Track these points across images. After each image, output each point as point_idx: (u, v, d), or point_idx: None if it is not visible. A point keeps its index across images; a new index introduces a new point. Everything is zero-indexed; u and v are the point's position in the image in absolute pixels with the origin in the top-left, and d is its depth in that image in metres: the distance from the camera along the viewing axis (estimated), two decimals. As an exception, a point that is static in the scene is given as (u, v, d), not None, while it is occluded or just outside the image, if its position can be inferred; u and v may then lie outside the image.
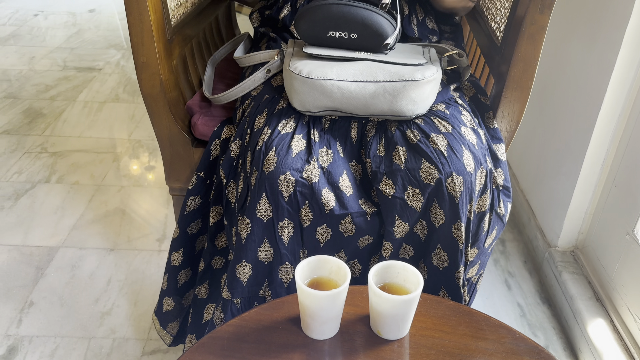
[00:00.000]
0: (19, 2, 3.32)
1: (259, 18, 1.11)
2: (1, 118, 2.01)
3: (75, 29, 2.94)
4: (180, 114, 0.99)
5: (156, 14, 0.89)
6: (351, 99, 0.80)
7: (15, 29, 2.90)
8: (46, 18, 3.08)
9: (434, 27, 1.01)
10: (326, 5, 0.82)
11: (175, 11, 0.99)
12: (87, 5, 3.32)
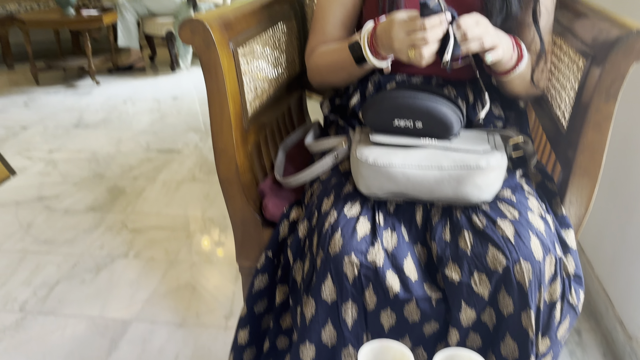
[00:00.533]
0: (112, 90, 3.65)
1: (329, 106, 1.18)
2: (89, 195, 2.18)
3: (159, 114, 3.19)
4: (253, 196, 1.04)
5: (235, 106, 0.97)
6: (416, 185, 0.82)
7: (106, 114, 3.18)
8: (134, 104, 3.37)
9: (499, 113, 1.03)
10: (392, 96, 0.86)
11: (252, 103, 1.07)
12: (171, 93, 3.61)
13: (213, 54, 0.91)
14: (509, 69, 0.94)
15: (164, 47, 4.65)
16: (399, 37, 0.83)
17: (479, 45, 0.84)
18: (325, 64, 1.07)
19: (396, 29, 0.84)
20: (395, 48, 0.84)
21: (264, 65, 1.15)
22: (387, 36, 0.86)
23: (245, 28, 1.05)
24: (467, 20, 0.83)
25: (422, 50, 0.81)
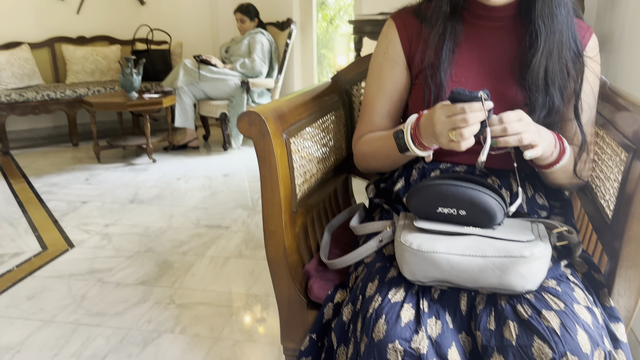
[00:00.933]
0: (166, 167, 3.84)
1: (374, 190, 1.22)
2: (140, 269, 2.25)
3: (210, 191, 3.32)
4: (299, 277, 1.07)
5: (285, 190, 1.02)
6: (460, 272, 0.84)
7: (160, 190, 3.33)
8: (187, 181, 3.52)
9: (543, 203, 1.04)
10: (436, 184, 0.90)
11: (301, 186, 1.12)
12: (222, 170, 3.76)
13: (267, 144, 0.98)
14: (551, 162, 0.97)
15: (217, 127, 4.89)
16: (440, 119, 0.88)
17: (517, 141, 0.87)
18: (370, 150, 1.13)
19: (438, 113, 0.89)
20: (437, 131, 0.88)
21: (313, 151, 1.22)
22: (430, 122, 0.91)
23: (298, 119, 1.13)
24: (509, 115, 0.87)
25: (462, 131, 0.85)
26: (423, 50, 1.07)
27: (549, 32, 0.98)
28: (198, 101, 4.31)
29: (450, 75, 1.04)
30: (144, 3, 5.09)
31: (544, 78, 0.99)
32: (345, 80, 1.44)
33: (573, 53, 1.01)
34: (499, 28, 1.05)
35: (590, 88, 1.04)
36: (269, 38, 4.38)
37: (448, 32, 1.04)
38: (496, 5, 1.02)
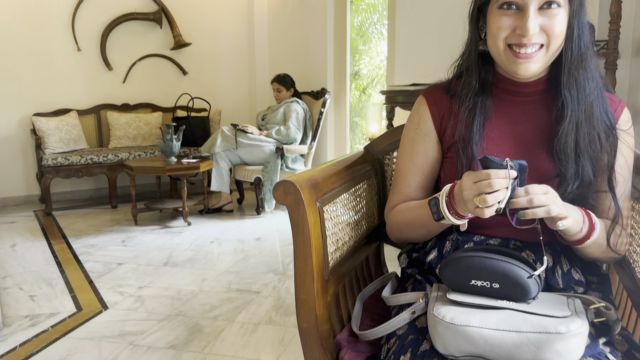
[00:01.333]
0: (201, 230, 3.90)
1: (407, 259, 1.22)
2: (170, 334, 2.26)
3: (242, 254, 3.34)
4: (330, 347, 1.07)
5: (318, 258, 1.04)
6: (494, 347, 0.82)
7: (194, 253, 3.38)
8: (220, 245, 3.56)
9: (580, 278, 1.03)
10: (469, 257, 0.90)
11: (333, 254, 1.14)
12: (255, 234, 3.80)
13: (302, 212, 1.01)
14: (581, 238, 0.96)
15: (251, 191, 4.99)
16: (467, 185, 0.89)
17: (545, 212, 0.88)
18: (404, 220, 1.14)
19: (465, 179, 0.90)
20: (465, 197, 0.90)
21: (346, 219, 1.24)
22: (459, 189, 0.92)
23: (331, 188, 1.16)
24: (535, 188, 0.88)
25: (485, 196, 0.86)
26: (454, 124, 1.10)
27: (575, 103, 1.00)
28: (234, 166, 4.43)
29: (482, 149, 1.06)
30: (186, 73, 5.35)
31: (573, 148, 1.00)
32: (378, 150, 1.47)
33: (605, 126, 1.02)
34: (530, 103, 1.07)
35: (625, 161, 1.04)
36: (303, 106, 4.53)
37: (478, 107, 1.07)
38: (526, 82, 1.05)
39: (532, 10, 0.94)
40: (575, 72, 1.00)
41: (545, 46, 0.97)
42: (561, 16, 0.96)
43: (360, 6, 4.97)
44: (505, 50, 0.99)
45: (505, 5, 0.97)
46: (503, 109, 1.09)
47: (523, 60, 0.97)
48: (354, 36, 4.79)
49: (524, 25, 0.94)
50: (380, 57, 4.94)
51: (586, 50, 1.00)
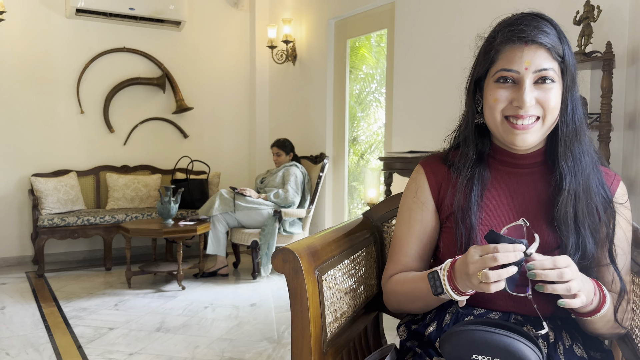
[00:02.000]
0: (195, 295, 3.84)
1: (406, 331, 1.19)
2: (160, 404, 2.17)
3: (236, 321, 3.27)
4: (327, 423, 1.03)
5: (316, 329, 1.02)
6: None
7: (187, 319, 3.30)
8: (214, 310, 3.49)
9: (582, 354, 1.00)
10: (470, 330, 0.88)
11: (331, 325, 1.12)
12: (250, 300, 3.73)
13: (300, 281, 1.00)
14: (591, 311, 0.95)
15: (247, 254, 4.94)
16: (473, 258, 0.89)
17: (565, 290, 0.87)
18: (402, 291, 1.12)
19: (472, 252, 0.90)
20: (470, 271, 0.89)
21: (344, 288, 1.22)
22: (464, 263, 0.91)
23: (330, 255, 1.15)
24: (561, 261, 0.88)
25: (487, 272, 0.85)
26: (452, 194, 1.11)
27: (572, 174, 1.01)
28: (231, 229, 4.42)
29: (480, 220, 1.06)
30: (187, 136, 5.43)
31: (573, 219, 1.01)
32: (377, 217, 1.48)
33: (602, 199, 1.03)
34: (528, 175, 1.09)
35: (624, 234, 1.04)
36: (302, 170, 4.57)
37: (476, 177, 1.08)
38: (523, 154, 1.07)
39: (527, 83, 0.97)
40: (570, 145, 1.02)
41: (542, 119, 1.00)
42: (555, 90, 0.99)
43: (359, 75, 5.12)
44: (503, 122, 1.02)
45: (501, 79, 1.00)
46: (500, 180, 1.10)
47: (520, 131, 1.00)
48: (352, 103, 4.91)
49: (521, 98, 0.97)
50: (378, 123, 5.05)
51: (580, 124, 1.03)
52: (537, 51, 0.97)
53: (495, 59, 1.01)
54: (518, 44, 0.98)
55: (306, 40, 5.03)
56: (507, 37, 0.99)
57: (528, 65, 0.96)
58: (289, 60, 5.18)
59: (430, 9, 3.59)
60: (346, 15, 4.55)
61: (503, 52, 1.00)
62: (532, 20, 0.99)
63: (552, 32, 0.99)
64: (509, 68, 0.98)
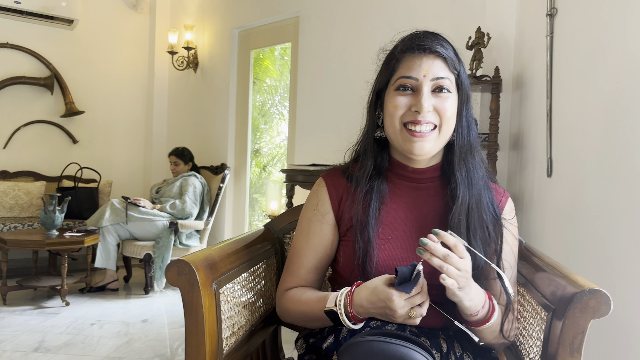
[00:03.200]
0: (80, 311, 3.57)
1: (304, 345, 1.17)
2: None
3: (126, 338, 3.08)
4: None
5: (211, 345, 0.97)
6: None
7: (70, 337, 3.06)
8: (101, 327, 3.27)
9: (471, 363, 1.05)
10: (367, 341, 0.88)
11: (228, 339, 1.07)
12: (142, 315, 3.54)
13: (196, 295, 0.95)
14: (480, 320, 0.99)
15: (140, 268, 4.70)
16: (400, 304, 0.91)
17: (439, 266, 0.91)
18: (297, 311, 1.12)
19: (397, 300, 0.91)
20: (397, 316, 0.92)
21: (243, 301, 1.19)
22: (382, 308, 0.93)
23: (229, 268, 1.11)
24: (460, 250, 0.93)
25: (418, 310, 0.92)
26: (351, 207, 1.12)
27: (466, 186, 1.06)
28: (122, 241, 4.18)
29: (378, 233, 1.08)
30: (76, 142, 5.10)
31: (466, 228, 1.05)
32: (278, 228, 1.46)
33: (492, 216, 1.08)
34: (424, 189, 1.12)
35: (510, 249, 1.10)
36: (202, 181, 4.45)
37: (374, 190, 1.10)
38: (420, 168, 1.11)
39: (425, 90, 1.01)
40: (465, 158, 1.07)
41: (438, 127, 1.04)
42: (452, 101, 1.03)
43: (262, 87, 5.11)
44: (402, 130, 1.04)
45: (401, 87, 1.04)
46: (399, 194, 1.12)
47: (418, 138, 1.03)
48: (255, 115, 4.87)
49: (419, 103, 1.01)
50: (281, 136, 5.06)
51: (475, 141, 1.08)
52: (435, 60, 1.02)
53: (396, 68, 1.05)
54: (417, 53, 1.02)
55: (209, 48, 4.94)
56: (408, 46, 1.03)
57: (426, 72, 1.01)
58: (190, 67, 5.05)
59: (334, 25, 3.67)
60: (251, 26, 4.52)
61: (403, 60, 1.04)
62: (431, 35, 1.05)
63: (450, 48, 1.05)
64: (409, 75, 1.02)
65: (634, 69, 1.35)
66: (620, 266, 1.35)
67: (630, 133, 1.34)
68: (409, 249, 1.07)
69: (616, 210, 1.40)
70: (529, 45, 2.40)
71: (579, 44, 1.77)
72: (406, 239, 1.08)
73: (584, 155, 1.67)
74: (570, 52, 1.86)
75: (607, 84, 1.53)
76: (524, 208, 2.39)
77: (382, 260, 1.06)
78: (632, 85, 1.36)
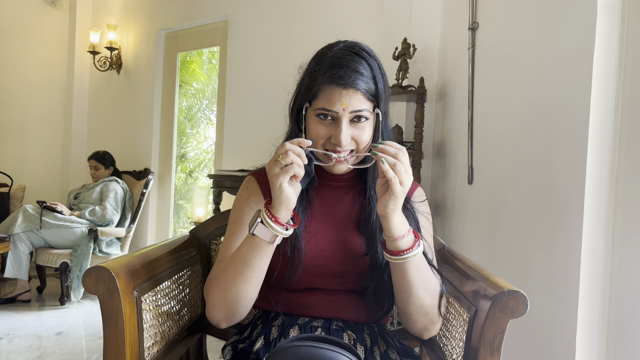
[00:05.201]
0: (-13, 325, 3.32)
1: (231, 351, 1.15)
2: None
3: (38, 352, 2.89)
4: None
5: (132, 354, 0.93)
6: None
7: (-25, 353, 2.84)
8: (10, 341, 3.05)
9: (396, 358, 1.07)
10: (295, 346, 0.88)
11: (150, 349, 1.03)
12: (56, 328, 3.34)
13: (116, 303, 0.90)
14: (407, 247, 1.01)
15: (55, 277, 4.44)
16: (270, 164, 0.97)
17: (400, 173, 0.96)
18: (225, 274, 1.05)
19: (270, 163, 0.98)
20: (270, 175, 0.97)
21: (166, 309, 1.14)
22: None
23: (151, 274, 1.07)
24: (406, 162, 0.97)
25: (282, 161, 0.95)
26: None
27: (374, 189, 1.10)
28: (35, 249, 3.93)
29: (305, 227, 1.12)
30: (-15, 143, 4.76)
31: (375, 223, 1.11)
32: (204, 234, 1.42)
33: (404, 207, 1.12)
34: (343, 187, 1.18)
35: (426, 231, 1.15)
36: (123, 186, 4.27)
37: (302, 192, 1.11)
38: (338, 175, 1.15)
39: (344, 123, 1.04)
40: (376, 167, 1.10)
41: (355, 151, 1.07)
42: (368, 128, 1.08)
43: (189, 90, 5.00)
44: (323, 154, 1.07)
45: (322, 115, 1.05)
46: (322, 192, 1.17)
47: (337, 163, 1.07)
48: (182, 119, 4.76)
49: (338, 137, 1.04)
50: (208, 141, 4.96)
51: None
52: (354, 95, 1.04)
53: (316, 96, 1.07)
54: (337, 87, 1.04)
55: (133, 49, 4.77)
56: (328, 78, 1.05)
57: (345, 107, 1.04)
58: (113, 69, 4.85)
59: (264, 30, 3.65)
60: (177, 28, 4.42)
61: (323, 91, 1.06)
62: (351, 61, 1.05)
63: (368, 72, 1.06)
64: (329, 108, 1.04)
65: (547, 81, 1.43)
66: (536, 267, 1.42)
67: (544, 141, 1.42)
68: (334, 240, 1.11)
69: (531, 215, 1.48)
70: (453, 57, 2.50)
71: (498, 56, 1.87)
72: (330, 231, 1.12)
73: (502, 163, 1.75)
74: (490, 64, 1.96)
75: (522, 95, 1.61)
76: (447, 214, 2.48)
77: (309, 252, 1.09)
78: (545, 95, 1.44)
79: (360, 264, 1.10)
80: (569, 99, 1.29)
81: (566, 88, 1.31)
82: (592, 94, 1.17)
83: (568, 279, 1.21)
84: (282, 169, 0.95)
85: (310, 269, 1.09)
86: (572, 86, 1.27)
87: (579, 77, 1.23)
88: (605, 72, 1.17)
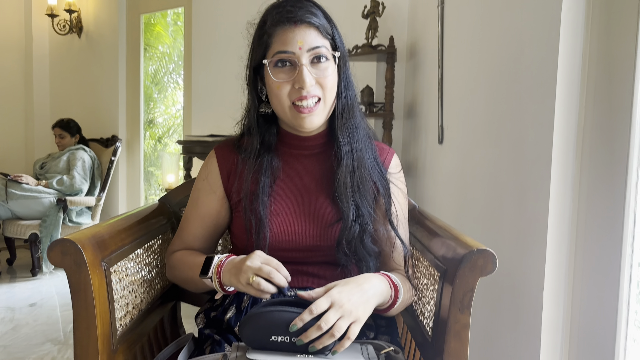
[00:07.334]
0: (-44, 299, 3.26)
1: (204, 319, 1.15)
2: None
3: (11, 324, 2.87)
4: None
5: (104, 327, 0.92)
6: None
7: (-55, 328, 2.79)
8: (-18, 315, 3.01)
9: (370, 322, 1.08)
10: (268, 311, 0.88)
11: (122, 320, 1.02)
12: (29, 299, 3.31)
13: (84, 276, 0.88)
14: (386, 308, 1.01)
15: (25, 249, 4.37)
16: (256, 260, 0.94)
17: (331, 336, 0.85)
18: (182, 276, 1.14)
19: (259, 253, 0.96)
20: (244, 268, 0.94)
21: (137, 279, 1.13)
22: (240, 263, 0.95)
23: (120, 245, 1.05)
24: (320, 305, 0.86)
25: (260, 280, 0.92)
26: (240, 182, 1.11)
27: (349, 148, 1.08)
28: (3, 221, 3.84)
29: (270, 210, 1.08)
30: (-58, 113, 4.57)
31: (351, 189, 1.07)
32: (174, 202, 1.40)
33: (377, 173, 1.11)
34: (313, 155, 1.14)
35: (399, 204, 1.14)
36: (91, 154, 4.18)
37: (264, 167, 1.09)
38: (308, 136, 1.11)
39: (305, 62, 1.01)
40: (345, 120, 1.09)
41: (322, 99, 1.04)
42: (331, 69, 1.04)
43: (155, 54, 4.86)
44: (291, 108, 1.04)
45: (279, 62, 1.02)
46: (290, 164, 1.13)
47: (306, 114, 1.03)
48: (148, 83, 4.64)
49: (301, 78, 1.00)
50: (176, 106, 4.86)
51: (353, 100, 1.11)
52: (308, 30, 1.00)
53: (269, 43, 1.03)
54: (289, 25, 1.00)
55: (94, 11, 4.59)
56: (277, 19, 1.01)
57: (301, 44, 1.00)
58: (73, 32, 4.67)
59: (229, -9, 3.54)
60: (140, -11, 4.26)
61: (275, 35, 1.02)
62: (298, 2, 1.02)
63: (319, 13, 1.04)
64: (284, 50, 1.00)
65: (515, 38, 1.43)
66: (505, 225, 1.45)
67: (513, 100, 1.43)
68: (302, 213, 1.09)
69: (501, 174, 1.50)
70: (422, 15, 2.47)
71: (467, 13, 1.85)
72: (295, 208, 1.10)
73: (472, 123, 1.76)
74: (459, 21, 1.94)
75: (491, 53, 1.61)
76: (418, 174, 2.50)
77: (274, 234, 1.07)
78: (514, 52, 1.44)
79: (333, 233, 1.07)
80: (538, 54, 1.28)
81: (535, 44, 1.30)
82: (560, 49, 1.17)
83: (536, 235, 1.24)
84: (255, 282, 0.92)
85: (279, 244, 1.07)
86: (541, 42, 1.27)
87: (548, 33, 1.23)
88: (573, 27, 1.16)
